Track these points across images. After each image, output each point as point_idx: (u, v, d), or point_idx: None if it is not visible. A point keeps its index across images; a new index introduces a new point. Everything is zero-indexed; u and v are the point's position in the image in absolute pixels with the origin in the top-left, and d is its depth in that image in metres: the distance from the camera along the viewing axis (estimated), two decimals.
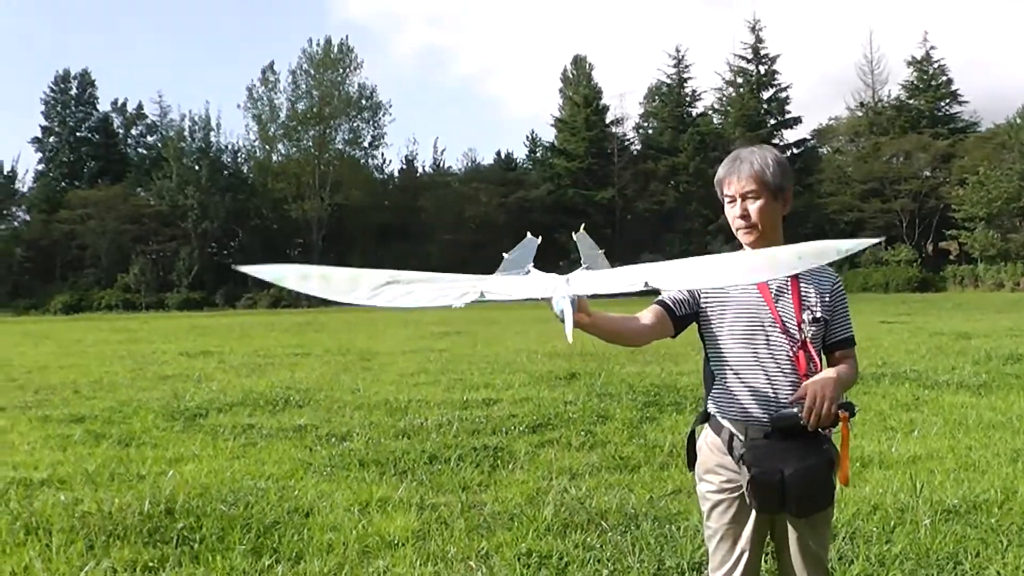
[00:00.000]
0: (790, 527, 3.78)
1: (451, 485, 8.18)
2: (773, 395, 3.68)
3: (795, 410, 3.58)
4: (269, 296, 76.70)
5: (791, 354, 3.70)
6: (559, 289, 3.08)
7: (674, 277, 3.25)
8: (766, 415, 3.67)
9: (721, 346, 3.82)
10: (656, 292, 3.67)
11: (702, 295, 3.85)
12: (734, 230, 3.86)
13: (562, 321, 2.98)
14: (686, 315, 3.85)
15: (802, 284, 3.80)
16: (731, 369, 3.79)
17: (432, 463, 9.07)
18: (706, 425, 3.95)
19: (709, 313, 3.84)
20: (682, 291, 3.84)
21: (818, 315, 3.76)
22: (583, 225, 3.96)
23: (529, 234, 3.69)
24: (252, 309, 73.62)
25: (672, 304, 3.82)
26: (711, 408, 3.90)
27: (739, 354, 3.77)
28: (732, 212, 3.82)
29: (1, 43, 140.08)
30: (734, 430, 3.77)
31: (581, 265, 3.46)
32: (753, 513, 3.73)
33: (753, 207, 3.76)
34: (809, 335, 3.72)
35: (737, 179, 3.78)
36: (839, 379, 3.64)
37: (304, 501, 7.56)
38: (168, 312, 72.61)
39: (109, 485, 8.31)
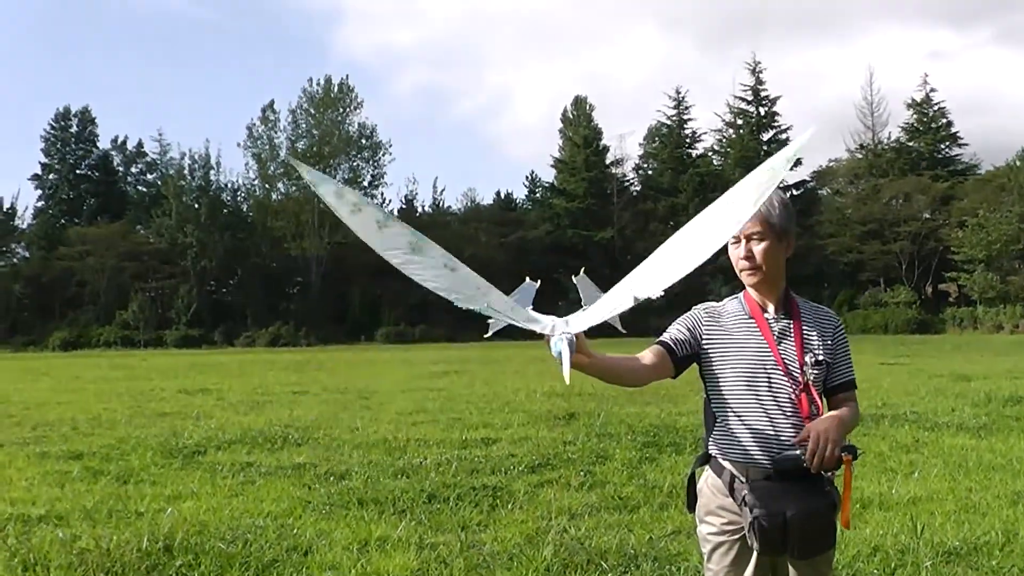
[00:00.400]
0: (791, 569, 3.76)
1: (450, 524, 8.16)
2: (775, 437, 3.67)
3: (798, 452, 3.57)
4: (268, 334, 76.76)
5: (793, 396, 3.69)
6: (558, 327, 3.10)
7: (655, 278, 3.30)
8: (768, 457, 3.66)
9: (723, 387, 3.81)
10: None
11: (704, 336, 3.85)
12: (737, 271, 3.85)
13: (561, 362, 3.00)
14: (687, 355, 3.84)
15: (804, 327, 3.80)
16: (732, 411, 3.78)
17: (431, 502, 9.05)
18: (707, 467, 3.92)
19: (711, 354, 3.84)
20: (683, 331, 3.86)
21: (820, 358, 3.76)
22: (583, 269, 3.96)
23: (528, 279, 3.69)
24: (251, 347, 73.49)
25: (673, 344, 3.83)
26: (712, 450, 3.88)
27: (741, 396, 3.76)
28: (736, 253, 3.81)
29: (2, 80, 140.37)
30: (735, 472, 3.75)
31: (582, 307, 3.46)
32: (754, 555, 3.70)
33: (758, 248, 3.75)
34: (811, 378, 3.71)
35: None
36: (842, 422, 3.63)
37: (303, 539, 7.54)
38: (167, 349, 72.58)
39: (107, 522, 8.29)
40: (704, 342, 3.85)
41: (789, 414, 3.68)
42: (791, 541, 3.54)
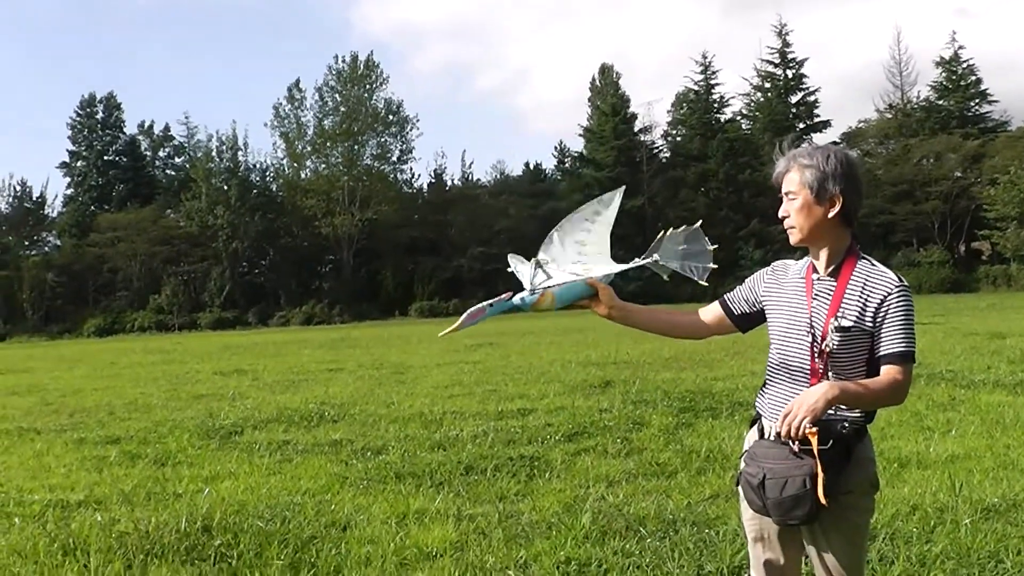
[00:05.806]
0: (810, 533, 3.76)
1: (488, 495, 8.18)
2: (791, 397, 3.64)
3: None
4: (302, 314, 76.93)
5: (812, 358, 3.66)
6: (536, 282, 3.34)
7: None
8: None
9: (769, 344, 3.89)
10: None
11: (762, 294, 3.94)
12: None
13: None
14: (745, 313, 3.98)
15: (849, 290, 3.65)
16: (769, 368, 3.87)
17: (468, 474, 9.07)
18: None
19: (766, 311, 3.93)
20: (743, 289, 4.00)
21: (846, 323, 3.60)
22: (700, 222, 4.05)
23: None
24: (285, 327, 73.65)
25: (728, 301, 4.02)
26: (757, 405, 3.96)
27: (774, 354, 3.83)
28: (781, 211, 3.81)
29: (27, 69, 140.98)
30: (765, 427, 3.82)
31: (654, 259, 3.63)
32: None
33: (792, 207, 3.72)
34: (834, 342, 3.60)
35: (781, 179, 3.77)
36: (831, 393, 3.45)
37: (341, 515, 7.57)
38: (201, 332, 72.75)
39: (146, 504, 8.34)
40: (762, 299, 3.94)
41: (807, 375, 3.67)
42: (766, 502, 3.62)
